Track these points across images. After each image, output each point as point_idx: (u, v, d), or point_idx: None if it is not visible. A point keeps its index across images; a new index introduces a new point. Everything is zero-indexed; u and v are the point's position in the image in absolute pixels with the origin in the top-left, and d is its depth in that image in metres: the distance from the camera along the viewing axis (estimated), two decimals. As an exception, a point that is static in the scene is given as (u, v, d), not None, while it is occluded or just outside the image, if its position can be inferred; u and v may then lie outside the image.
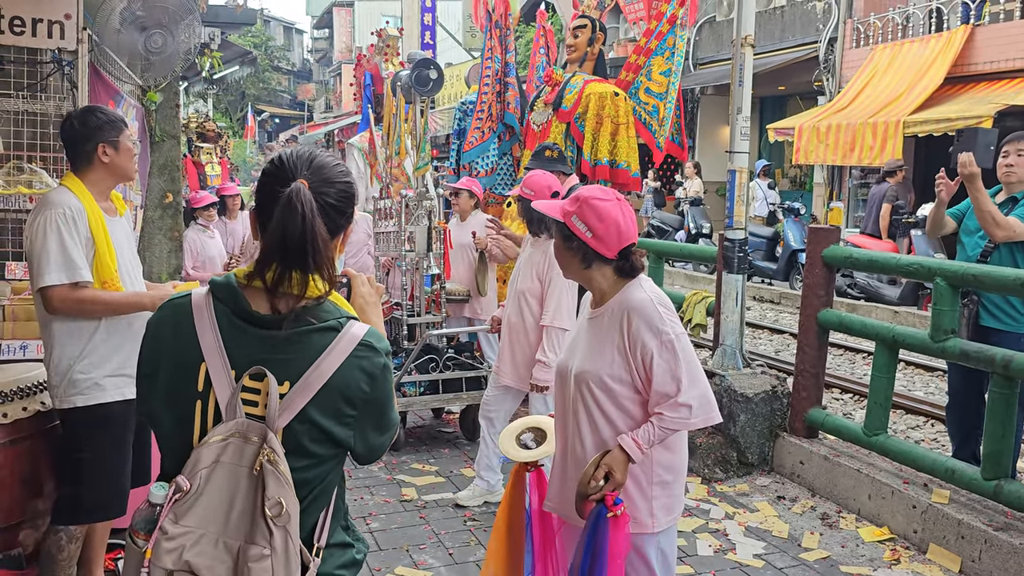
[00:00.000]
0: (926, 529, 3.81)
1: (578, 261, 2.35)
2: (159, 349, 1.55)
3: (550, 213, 2.36)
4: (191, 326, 1.51)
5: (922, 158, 13.39)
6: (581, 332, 2.45)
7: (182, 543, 1.42)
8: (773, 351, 8.71)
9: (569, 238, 2.32)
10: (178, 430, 1.52)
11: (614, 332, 2.31)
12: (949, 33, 11.89)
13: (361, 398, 1.53)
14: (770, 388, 4.77)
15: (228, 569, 1.42)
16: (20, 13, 3.81)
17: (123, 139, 2.95)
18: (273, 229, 1.47)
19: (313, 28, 44.90)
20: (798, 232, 11.90)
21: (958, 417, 4.36)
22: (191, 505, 1.44)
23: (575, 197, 2.33)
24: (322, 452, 1.52)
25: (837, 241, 4.70)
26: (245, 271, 1.53)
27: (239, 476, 1.44)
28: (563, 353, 2.50)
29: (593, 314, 2.39)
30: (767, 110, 16.74)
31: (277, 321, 1.49)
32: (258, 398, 1.47)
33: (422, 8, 21.43)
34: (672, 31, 5.80)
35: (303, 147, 1.64)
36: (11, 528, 2.94)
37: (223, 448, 1.45)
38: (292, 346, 1.48)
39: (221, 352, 1.48)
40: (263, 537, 1.42)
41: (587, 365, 2.34)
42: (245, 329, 1.50)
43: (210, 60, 7.01)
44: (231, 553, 1.42)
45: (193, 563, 1.41)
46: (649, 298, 2.30)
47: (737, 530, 4.06)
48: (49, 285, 2.75)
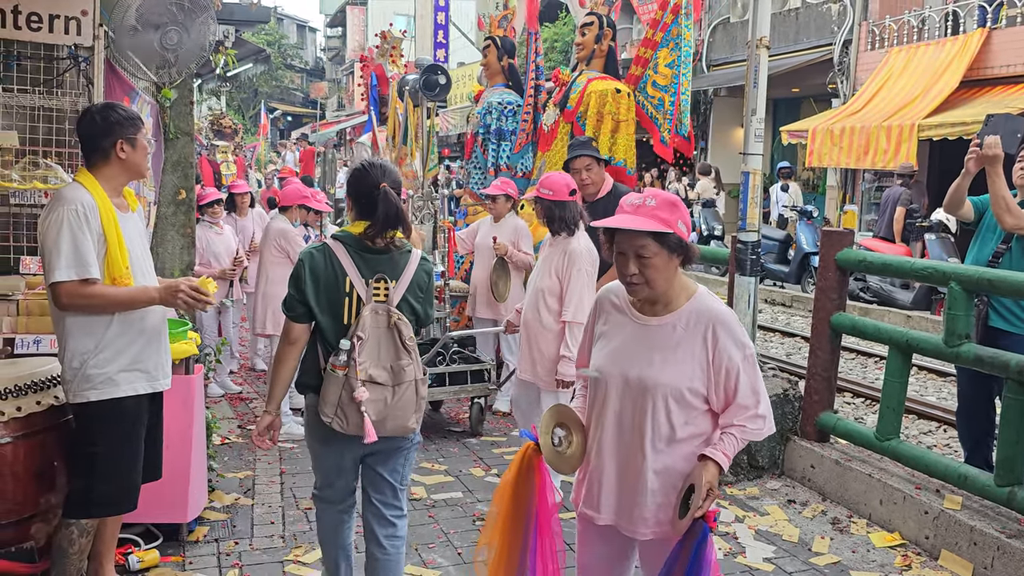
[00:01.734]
0: (938, 535, 3.79)
1: (675, 267, 2.23)
2: (315, 273, 2.77)
3: (648, 228, 2.14)
4: (334, 257, 2.78)
5: (936, 162, 13.30)
6: (631, 338, 2.30)
7: (365, 366, 2.73)
8: (784, 354, 8.67)
9: (677, 247, 2.18)
10: (332, 316, 2.78)
11: (695, 344, 2.22)
12: (965, 36, 11.81)
13: (425, 286, 2.91)
14: (782, 392, 4.74)
15: (388, 376, 2.77)
16: (37, 9, 3.82)
17: (140, 137, 2.98)
18: (380, 210, 2.76)
19: (326, 26, 44.98)
20: (811, 235, 11.85)
21: (967, 422, 4.33)
22: (362, 348, 2.73)
23: (670, 202, 2.18)
24: (410, 316, 2.84)
25: (850, 244, 4.68)
26: (359, 229, 2.81)
27: (381, 330, 2.77)
28: (603, 358, 2.34)
29: (653, 321, 2.27)
30: (781, 112, 16.66)
31: (386, 250, 2.83)
32: (379, 289, 2.78)
33: (435, 7, 21.45)
34: (676, 21, 5.72)
35: (376, 158, 3.23)
36: (23, 521, 2.96)
37: (371, 318, 2.75)
38: (392, 262, 2.83)
39: (356, 270, 2.78)
40: (405, 355, 2.79)
41: (664, 377, 2.22)
42: (365, 256, 2.80)
43: (224, 57, 7.01)
44: (387, 369, 2.77)
45: (372, 374, 2.74)
46: (730, 310, 2.28)
47: (747, 534, 4.04)
48: (58, 281, 2.77)
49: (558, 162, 5.76)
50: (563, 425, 2.39)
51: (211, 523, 4.04)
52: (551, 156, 5.86)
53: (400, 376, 2.77)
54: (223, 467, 4.80)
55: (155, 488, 3.25)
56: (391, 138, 6.70)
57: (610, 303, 2.40)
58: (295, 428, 5.55)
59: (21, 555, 3.00)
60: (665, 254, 2.17)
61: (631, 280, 2.20)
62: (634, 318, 2.32)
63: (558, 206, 4.12)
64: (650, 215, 2.15)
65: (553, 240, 4.23)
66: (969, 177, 4.07)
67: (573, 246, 4.16)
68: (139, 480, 3.06)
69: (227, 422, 5.72)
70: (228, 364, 6.83)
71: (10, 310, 3.56)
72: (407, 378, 2.79)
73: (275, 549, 3.82)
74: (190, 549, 3.76)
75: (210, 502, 4.21)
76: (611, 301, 2.40)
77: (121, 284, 2.87)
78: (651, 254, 2.15)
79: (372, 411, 2.73)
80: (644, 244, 2.14)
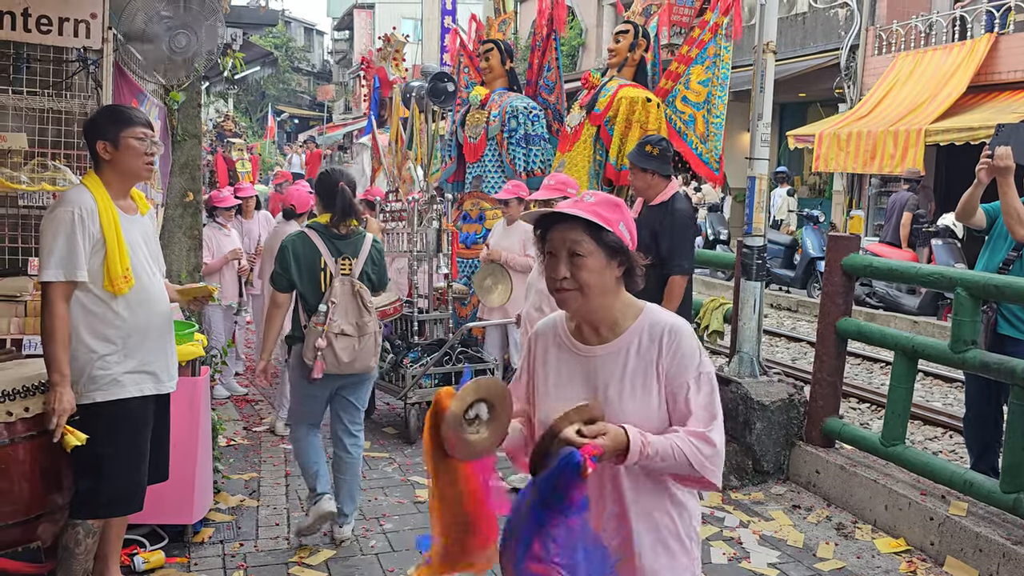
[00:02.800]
0: (943, 541, 3.78)
1: (615, 282, 1.89)
2: (297, 254, 3.74)
3: (582, 214, 1.83)
4: (310, 242, 3.76)
5: (943, 167, 13.28)
6: (578, 375, 1.94)
7: (338, 323, 3.67)
8: (790, 359, 8.66)
9: (618, 250, 1.86)
10: (313, 286, 3.75)
11: (647, 369, 1.88)
12: (972, 41, 11.79)
13: (378, 260, 3.91)
14: (787, 396, 4.74)
15: (355, 329, 3.70)
16: (47, 12, 3.84)
17: (126, 136, 2.93)
18: (338, 203, 3.76)
19: (333, 30, 45.05)
20: (816, 240, 11.83)
21: (975, 429, 4.32)
22: (335, 310, 3.68)
23: (612, 202, 1.90)
24: (368, 283, 3.83)
25: (857, 250, 4.67)
26: (326, 219, 3.80)
27: (348, 295, 3.73)
28: (548, 407, 1.92)
29: (599, 350, 1.91)
30: (787, 117, 16.64)
31: (348, 235, 3.81)
32: (345, 265, 3.77)
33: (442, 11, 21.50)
34: (714, 40, 5.68)
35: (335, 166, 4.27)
36: (30, 522, 2.96)
37: (340, 287, 3.72)
38: (352, 244, 3.82)
39: (327, 251, 3.75)
40: (366, 313, 3.75)
41: (626, 416, 1.85)
42: (333, 240, 3.77)
43: (232, 60, 7.03)
44: (353, 324, 3.70)
45: (344, 328, 3.68)
46: (683, 321, 1.93)
47: (752, 539, 4.04)
48: (46, 281, 2.81)
49: (579, 163, 5.77)
50: (490, 405, 1.83)
51: (216, 524, 4.05)
52: (572, 157, 5.85)
53: (364, 329, 3.78)
54: (228, 469, 4.82)
55: (161, 489, 3.26)
56: (393, 142, 6.71)
57: (546, 339, 2.02)
58: None
59: (28, 555, 3.01)
60: (602, 256, 1.85)
61: (561, 285, 1.86)
62: (577, 351, 1.95)
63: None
64: (588, 209, 1.86)
65: None
66: (981, 187, 4.06)
67: None
68: (144, 481, 3.07)
69: (232, 424, 5.74)
70: (233, 366, 6.86)
71: (18, 311, 3.58)
72: (369, 330, 3.79)
73: (280, 551, 3.83)
74: (195, 550, 3.77)
75: (215, 503, 4.22)
76: (547, 337, 2.02)
77: (120, 286, 2.88)
78: (585, 252, 1.84)
79: (345, 355, 3.71)
80: (578, 240, 1.83)
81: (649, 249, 4.70)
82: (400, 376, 5.45)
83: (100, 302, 2.90)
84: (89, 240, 2.85)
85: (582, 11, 21.19)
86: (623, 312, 1.93)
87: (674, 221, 4.53)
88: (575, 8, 21.17)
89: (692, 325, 5.45)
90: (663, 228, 4.58)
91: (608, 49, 5.86)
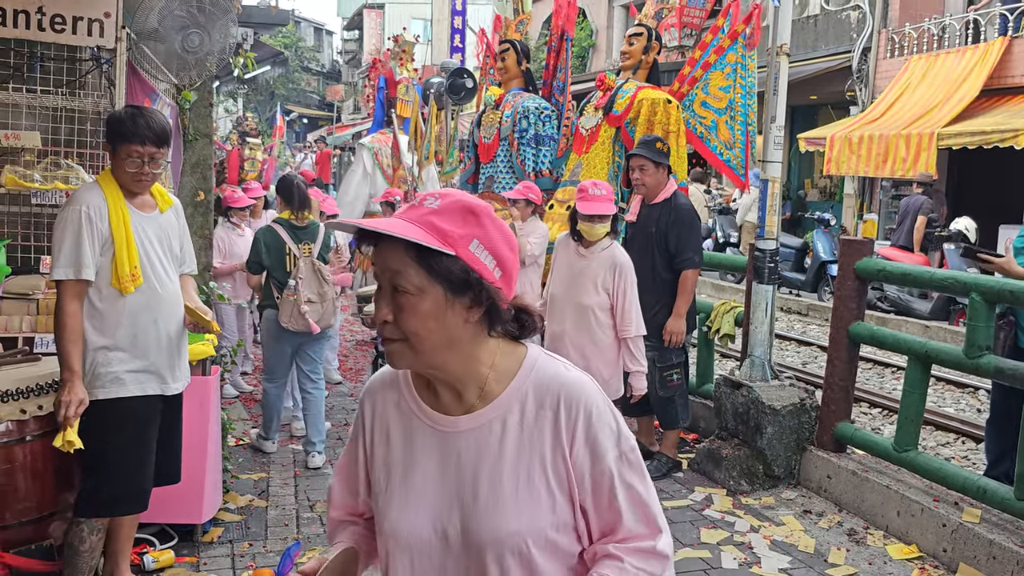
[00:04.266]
0: (956, 548, 3.74)
1: (469, 328, 1.29)
2: (268, 244, 4.88)
3: (401, 233, 1.23)
4: (277, 234, 4.91)
5: (955, 171, 13.21)
6: (434, 459, 1.35)
7: (305, 293, 4.80)
8: (800, 363, 8.62)
9: (465, 285, 1.26)
10: (281, 266, 4.87)
11: (541, 445, 1.31)
12: (986, 45, 11.72)
13: (329, 244, 5.05)
14: (798, 401, 4.71)
15: (318, 297, 4.85)
16: (61, 11, 3.85)
17: (120, 151, 2.91)
18: (295, 197, 4.96)
19: (343, 30, 45.13)
20: (827, 243, 11.78)
21: (996, 432, 4.29)
22: (301, 285, 4.81)
23: (466, 208, 1.28)
24: (323, 261, 4.96)
25: (870, 253, 4.65)
26: (287, 215, 4.97)
27: (311, 273, 4.87)
28: (395, 507, 1.36)
29: (462, 422, 1.34)
30: (798, 119, 16.58)
31: (306, 226, 4.97)
32: (305, 249, 4.90)
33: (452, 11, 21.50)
34: (733, 47, 5.67)
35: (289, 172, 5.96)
36: (42, 519, 2.97)
37: (304, 266, 4.85)
38: (310, 232, 4.96)
39: (291, 239, 4.89)
40: (326, 285, 4.90)
41: (503, 521, 1.29)
42: (295, 230, 4.92)
43: (243, 60, 7.05)
44: (316, 293, 4.85)
45: (309, 297, 4.81)
46: (589, 379, 1.36)
47: (762, 543, 4.01)
48: (56, 279, 2.84)
49: (597, 165, 5.75)
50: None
51: (225, 524, 4.05)
52: (589, 159, 5.83)
53: (324, 297, 4.91)
54: (237, 468, 4.82)
55: (171, 488, 3.26)
56: (414, 140, 6.70)
57: (384, 405, 1.42)
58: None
59: (40, 553, 3.02)
60: (438, 294, 1.24)
61: (383, 332, 1.29)
62: (431, 422, 1.36)
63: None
64: (421, 220, 1.26)
65: (580, 248, 4.16)
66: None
67: (620, 258, 4.09)
68: (148, 482, 3.06)
69: (242, 423, 5.74)
70: (241, 365, 6.87)
71: (30, 309, 3.58)
72: (328, 297, 4.92)
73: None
74: (204, 550, 3.77)
75: (224, 503, 4.22)
76: (386, 401, 1.43)
77: (126, 284, 2.89)
78: (410, 286, 1.24)
79: (313, 317, 4.84)
80: (398, 269, 1.24)
81: (656, 246, 4.72)
82: None
83: (106, 300, 2.91)
84: (98, 238, 2.86)
85: (592, 12, 21.17)
86: (494, 367, 1.33)
87: (680, 216, 4.69)
88: (586, 9, 21.15)
89: (703, 328, 5.54)
90: (670, 224, 4.68)
91: (621, 52, 5.84)
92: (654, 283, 4.71)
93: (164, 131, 2.95)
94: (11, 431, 2.90)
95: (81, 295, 2.86)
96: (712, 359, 5.87)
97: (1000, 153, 10.62)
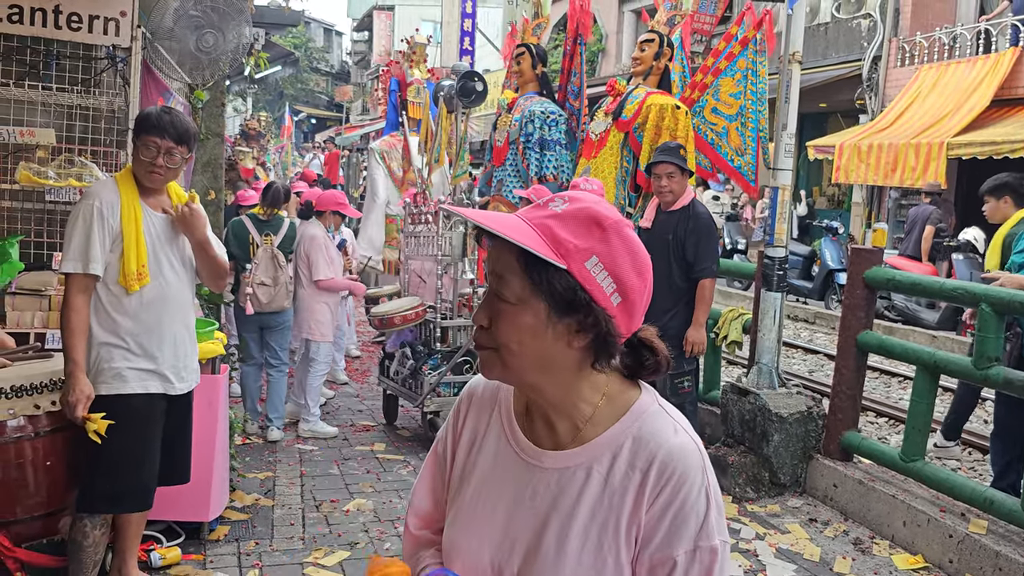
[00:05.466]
0: (962, 560, 3.74)
1: (571, 355, 1.14)
2: (235, 233, 5.47)
3: (513, 237, 1.08)
4: (245, 226, 5.49)
5: (964, 181, 13.17)
6: (511, 489, 1.22)
7: (259, 276, 5.36)
8: (807, 371, 8.61)
9: (573, 305, 1.11)
10: (245, 254, 5.42)
11: (613, 511, 1.15)
12: (997, 55, 11.70)
13: (293, 236, 5.62)
14: (805, 409, 4.71)
15: (272, 280, 5.39)
16: (77, 10, 3.87)
17: (139, 141, 2.96)
18: (269, 196, 5.56)
19: (353, 31, 45.24)
20: (835, 251, 11.76)
21: (1001, 444, 4.29)
22: (257, 268, 5.37)
23: (592, 218, 1.12)
24: (287, 253, 5.53)
25: (880, 262, 4.64)
26: (259, 211, 5.59)
27: (269, 259, 5.41)
28: (458, 527, 1.26)
29: (547, 458, 1.20)
30: (807, 127, 16.56)
31: (270, 220, 5.55)
32: (267, 240, 5.44)
33: (462, 14, 21.52)
34: (744, 53, 5.66)
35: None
36: (53, 515, 2.99)
37: (262, 253, 5.41)
38: (273, 225, 5.53)
39: (255, 231, 5.47)
40: (280, 270, 5.44)
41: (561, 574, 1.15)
42: (260, 223, 5.51)
43: (256, 59, 7.09)
44: (270, 277, 5.40)
45: (263, 280, 5.36)
46: (696, 447, 1.18)
47: (768, 551, 4.01)
48: (64, 272, 2.87)
49: (605, 170, 5.75)
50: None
51: (232, 523, 4.06)
52: (598, 164, 5.84)
53: (277, 280, 5.40)
54: (244, 467, 4.83)
55: (178, 486, 3.27)
56: (423, 143, 6.71)
57: (483, 407, 1.31)
58: (324, 428, 5.60)
59: (51, 548, 3.03)
60: (540, 309, 1.11)
61: (476, 337, 1.19)
62: (517, 448, 1.24)
63: None
64: (539, 223, 1.12)
65: None
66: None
67: None
68: (151, 480, 3.06)
69: (248, 422, 5.75)
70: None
71: (42, 305, 3.61)
72: (281, 281, 5.41)
73: (295, 551, 3.83)
74: (211, 548, 3.78)
75: (231, 501, 4.23)
76: (485, 409, 1.31)
77: (132, 282, 2.91)
78: (511, 295, 1.12)
79: (264, 298, 5.34)
80: (502, 274, 1.13)
81: (673, 254, 4.72)
82: (419, 383, 5.40)
83: (113, 296, 2.92)
84: (108, 234, 2.88)
85: (603, 17, 21.18)
86: (596, 406, 1.18)
87: (698, 225, 4.68)
88: (596, 14, 21.17)
89: (710, 335, 5.53)
90: (688, 233, 4.67)
91: (633, 58, 5.84)
92: (670, 290, 4.72)
93: (186, 130, 2.98)
94: (23, 427, 2.91)
95: (88, 290, 2.88)
96: (719, 366, 5.86)
97: (1009, 164, 10.59)
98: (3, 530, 2.91)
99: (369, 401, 6.60)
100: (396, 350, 5.80)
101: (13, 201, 3.95)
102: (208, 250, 3.11)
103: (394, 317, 5.38)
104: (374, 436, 5.69)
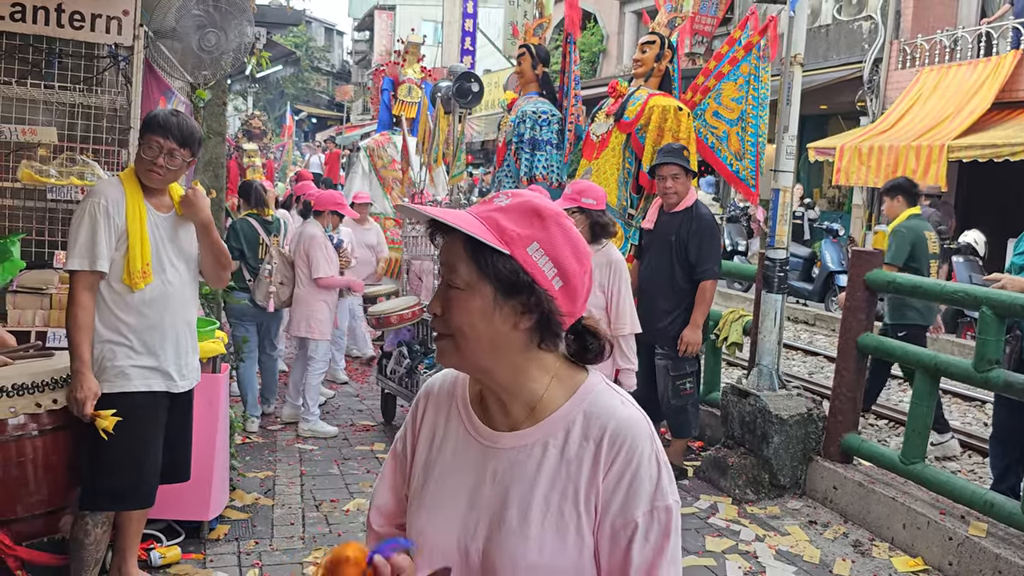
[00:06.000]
0: (962, 562, 3.74)
1: (519, 336, 1.22)
2: (245, 233, 5.63)
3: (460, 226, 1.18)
4: (252, 226, 5.68)
5: (965, 184, 13.18)
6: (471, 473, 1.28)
7: (278, 276, 5.56)
8: (807, 373, 8.61)
9: (517, 287, 1.19)
10: (255, 254, 5.63)
11: (571, 482, 1.21)
12: (998, 58, 11.70)
13: (284, 232, 6.04)
14: (805, 411, 4.71)
15: (288, 279, 5.65)
16: (80, 8, 3.87)
17: (143, 141, 2.97)
18: (252, 198, 5.85)
19: (354, 30, 45.23)
20: (835, 253, 11.76)
21: (1001, 447, 4.29)
22: (275, 268, 5.57)
23: (533, 210, 1.22)
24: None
25: (880, 265, 4.65)
26: (255, 211, 5.81)
27: (282, 260, 5.63)
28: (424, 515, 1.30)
29: (505, 439, 1.26)
30: (808, 129, 16.56)
31: (270, 221, 5.81)
32: (274, 240, 5.69)
33: (463, 14, 21.50)
34: (747, 58, 5.65)
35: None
36: (54, 513, 2.99)
37: (275, 252, 5.60)
38: (275, 226, 5.82)
39: (263, 231, 5.68)
40: (289, 269, 5.68)
41: (527, 552, 1.20)
42: (265, 224, 5.74)
43: (257, 58, 7.08)
44: (286, 276, 5.63)
45: (282, 279, 5.61)
46: (643, 417, 1.25)
47: (767, 553, 4.01)
48: (70, 270, 2.87)
49: (607, 171, 5.75)
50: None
51: (232, 522, 4.06)
52: (600, 165, 5.83)
53: (289, 279, 5.60)
54: (244, 466, 4.83)
55: (178, 484, 3.27)
56: (422, 143, 6.72)
57: (438, 406, 1.37)
58: (324, 427, 5.61)
59: (52, 546, 3.03)
60: (487, 293, 1.19)
61: (433, 326, 1.28)
62: (474, 433, 1.30)
63: (602, 215, 4.10)
64: (485, 216, 1.22)
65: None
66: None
67: (614, 256, 4.13)
68: (153, 478, 3.06)
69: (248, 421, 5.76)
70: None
71: (43, 303, 3.60)
72: (290, 281, 5.60)
73: (295, 550, 3.83)
74: (211, 547, 3.78)
75: (231, 501, 4.23)
76: (441, 402, 1.37)
77: (136, 281, 2.92)
78: (460, 282, 1.21)
79: (283, 296, 5.59)
80: (453, 263, 1.21)
81: (676, 255, 4.73)
82: (415, 382, 5.41)
83: (117, 295, 2.93)
84: (113, 232, 2.89)
85: (604, 18, 21.19)
86: (547, 385, 1.25)
87: (701, 226, 4.71)
88: (596, 15, 21.17)
89: (711, 336, 5.54)
90: (691, 234, 4.69)
91: (634, 60, 5.84)
92: (672, 291, 4.72)
93: (191, 134, 2.99)
94: (24, 425, 2.92)
95: (94, 287, 2.89)
96: (719, 367, 5.87)
97: (1010, 167, 10.60)
98: (4, 528, 2.91)
99: (369, 401, 6.60)
100: (393, 349, 5.81)
101: (14, 199, 3.95)
102: (212, 233, 3.14)
103: (390, 316, 5.39)
104: (374, 436, 5.70)
